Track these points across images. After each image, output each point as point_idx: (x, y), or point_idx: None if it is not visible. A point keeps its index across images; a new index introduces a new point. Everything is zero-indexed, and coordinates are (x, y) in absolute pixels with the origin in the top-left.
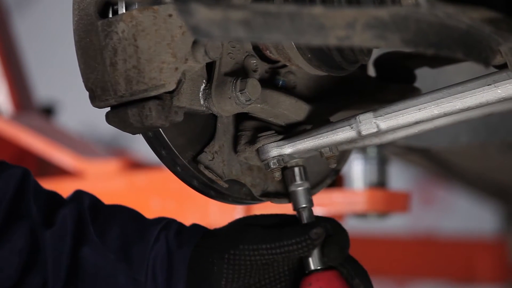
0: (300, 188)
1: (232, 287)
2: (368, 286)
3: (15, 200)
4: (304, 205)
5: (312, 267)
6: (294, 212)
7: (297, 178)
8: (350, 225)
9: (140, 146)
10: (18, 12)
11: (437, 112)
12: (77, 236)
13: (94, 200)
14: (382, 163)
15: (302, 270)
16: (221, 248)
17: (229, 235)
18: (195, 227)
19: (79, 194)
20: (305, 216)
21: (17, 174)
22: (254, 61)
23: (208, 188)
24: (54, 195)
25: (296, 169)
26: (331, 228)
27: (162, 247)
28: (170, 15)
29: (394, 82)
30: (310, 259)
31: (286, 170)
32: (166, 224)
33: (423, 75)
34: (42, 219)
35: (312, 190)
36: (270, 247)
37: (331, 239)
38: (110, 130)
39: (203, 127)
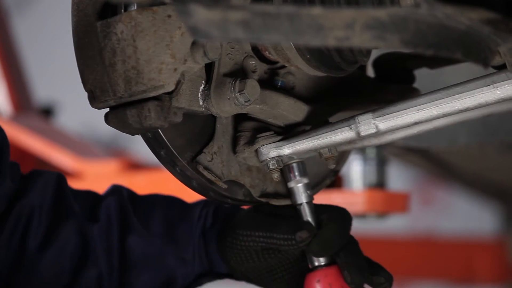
0: (299, 185)
1: (242, 268)
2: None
3: (57, 202)
4: (300, 202)
5: (316, 263)
6: None
7: (296, 174)
8: None
9: (139, 147)
10: (18, 13)
11: (436, 112)
12: (122, 227)
13: (131, 192)
14: (381, 163)
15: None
16: (226, 232)
17: (237, 220)
18: (230, 208)
19: (116, 188)
20: (303, 213)
21: (53, 178)
22: (253, 62)
23: (207, 189)
24: (91, 193)
25: (295, 165)
26: (327, 218)
27: (201, 226)
28: (169, 16)
29: (393, 82)
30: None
31: (284, 167)
32: (206, 204)
33: (422, 76)
34: (87, 215)
35: (311, 191)
36: (261, 235)
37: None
38: (110, 131)
39: (202, 128)
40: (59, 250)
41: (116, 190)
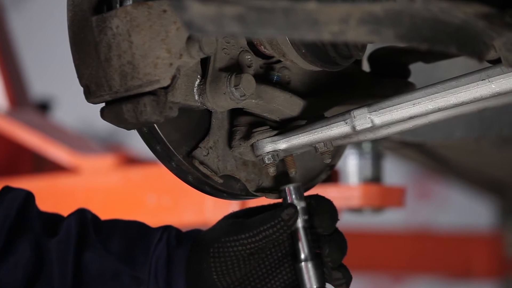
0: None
1: (228, 280)
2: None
3: (19, 217)
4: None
5: (307, 286)
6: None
7: (293, 197)
8: (345, 220)
9: (136, 141)
10: (14, 8)
11: (431, 107)
12: (80, 243)
13: (95, 216)
14: (377, 158)
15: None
16: (206, 243)
17: (214, 230)
18: (194, 230)
19: (81, 209)
20: (299, 236)
21: (21, 195)
22: (248, 57)
23: (203, 183)
24: (57, 214)
25: (292, 188)
26: (314, 202)
27: (163, 247)
28: (164, 11)
29: (388, 77)
30: (305, 276)
31: (281, 190)
32: (167, 227)
33: (417, 70)
34: (46, 231)
35: (306, 185)
36: (249, 236)
37: (318, 209)
38: (106, 125)
39: (198, 123)
40: (13, 265)
41: (80, 211)
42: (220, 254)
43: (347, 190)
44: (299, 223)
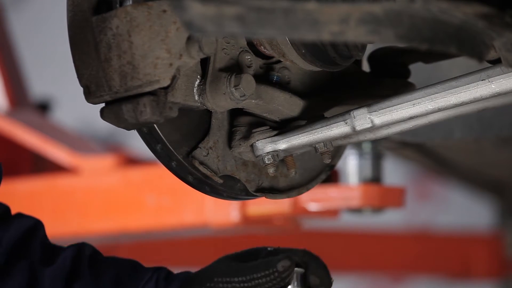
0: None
1: None
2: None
3: (22, 243)
4: None
5: None
6: (288, 206)
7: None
8: (345, 220)
9: (136, 142)
10: (14, 8)
11: (431, 107)
12: (71, 275)
13: (96, 251)
14: (377, 158)
15: None
16: (199, 282)
17: (207, 270)
18: (185, 272)
19: (82, 243)
20: None
21: (29, 222)
22: (248, 57)
23: (203, 183)
24: (61, 246)
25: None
26: (304, 256)
27: (152, 286)
28: (164, 11)
29: (388, 77)
30: None
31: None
32: (159, 268)
33: (417, 70)
34: (45, 260)
35: (306, 185)
36: (242, 281)
37: (312, 268)
38: (106, 126)
39: (197, 123)
40: None
41: (80, 245)
42: None
43: (347, 190)
44: None
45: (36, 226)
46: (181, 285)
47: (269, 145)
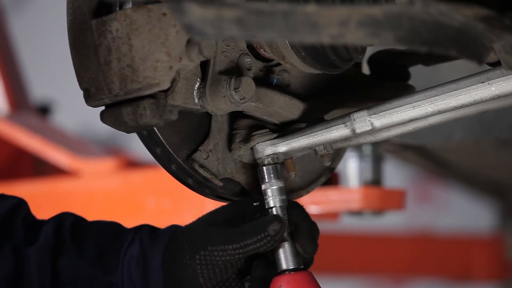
0: (273, 187)
1: (213, 282)
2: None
3: (3, 224)
4: (272, 205)
5: (284, 266)
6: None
7: (271, 176)
8: (346, 223)
9: (136, 145)
10: (14, 11)
11: (431, 109)
12: (56, 249)
13: (78, 218)
14: (377, 161)
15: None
16: (191, 249)
17: (197, 236)
18: (169, 227)
19: (62, 213)
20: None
21: (10, 203)
22: (248, 60)
23: (203, 186)
24: (42, 220)
25: (265, 169)
26: (296, 216)
27: (136, 248)
28: (164, 14)
29: (388, 80)
30: (282, 256)
31: (258, 169)
32: (140, 227)
33: (417, 73)
34: (28, 238)
35: (306, 188)
36: (236, 247)
37: (301, 232)
38: (107, 129)
39: (197, 126)
40: None
41: (60, 215)
42: (207, 262)
43: (347, 193)
44: (278, 202)
45: (18, 205)
46: (168, 244)
47: (269, 148)
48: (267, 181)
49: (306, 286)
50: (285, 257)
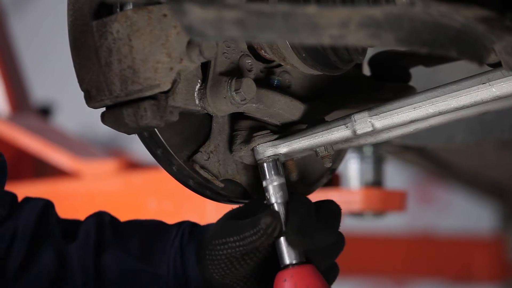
0: (274, 184)
1: (229, 277)
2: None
3: (39, 225)
4: (272, 202)
5: (287, 261)
6: None
7: (272, 173)
8: (347, 225)
9: (137, 146)
10: (15, 13)
11: (432, 111)
12: (98, 246)
13: (113, 217)
14: (378, 162)
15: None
16: (202, 245)
17: (211, 231)
18: (207, 225)
19: (99, 212)
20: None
21: (40, 204)
22: (249, 61)
23: (203, 187)
24: (76, 220)
25: (265, 165)
26: (290, 210)
27: (178, 243)
28: (164, 15)
29: (389, 81)
30: (285, 250)
31: (258, 165)
32: (182, 224)
33: (418, 74)
34: (66, 237)
35: (308, 189)
36: (236, 240)
37: (288, 225)
38: (108, 130)
39: (198, 127)
40: (37, 274)
41: (98, 214)
42: (212, 257)
43: (348, 194)
44: (278, 198)
45: (47, 205)
46: (199, 241)
47: (270, 149)
48: (268, 177)
49: (309, 278)
50: (288, 252)
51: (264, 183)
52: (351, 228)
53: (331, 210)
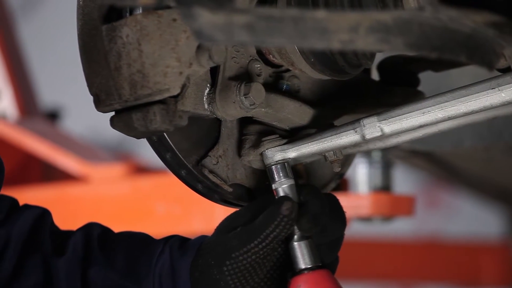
0: (283, 186)
1: (246, 286)
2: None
3: (32, 236)
4: None
5: (302, 265)
6: None
7: (280, 175)
8: (355, 229)
9: (146, 150)
10: (23, 16)
11: (441, 115)
12: (85, 260)
13: (105, 229)
14: (386, 167)
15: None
16: (217, 263)
17: (219, 247)
18: (198, 238)
19: (89, 224)
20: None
21: (35, 213)
22: (258, 65)
23: (212, 192)
24: (69, 231)
25: (273, 168)
26: (304, 196)
27: (166, 258)
28: (174, 20)
29: (397, 85)
30: (299, 255)
31: (267, 169)
32: (170, 237)
33: (427, 79)
34: (56, 249)
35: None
36: (258, 243)
37: (302, 209)
38: (116, 134)
39: (207, 131)
40: (24, 286)
41: (87, 226)
42: (235, 269)
43: (357, 199)
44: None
45: (43, 215)
46: (194, 260)
47: (278, 154)
48: (277, 180)
49: (324, 283)
50: (302, 256)
51: (273, 186)
52: (359, 232)
53: (338, 203)
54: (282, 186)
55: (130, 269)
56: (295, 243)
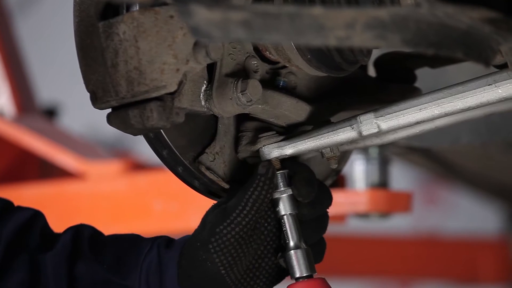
0: (283, 195)
1: (235, 272)
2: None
3: (19, 236)
4: (283, 213)
5: (297, 274)
6: None
7: (281, 185)
8: (352, 226)
9: (143, 147)
10: (20, 14)
11: (438, 112)
12: (73, 255)
13: (96, 231)
14: (383, 163)
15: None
16: (203, 242)
17: (202, 230)
18: (184, 236)
19: (80, 224)
20: (286, 224)
21: (26, 214)
22: (255, 62)
23: (209, 189)
24: (61, 233)
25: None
26: (290, 166)
27: (154, 255)
28: (171, 16)
29: (394, 82)
30: (295, 263)
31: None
32: (159, 237)
33: (424, 75)
34: (44, 247)
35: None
36: (240, 211)
37: (295, 177)
38: (113, 131)
39: (204, 128)
40: (10, 284)
41: (79, 226)
42: (221, 245)
43: (354, 195)
44: (287, 210)
45: (34, 217)
46: (181, 249)
47: (275, 150)
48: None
49: None
50: (298, 265)
51: (275, 195)
52: (357, 229)
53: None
54: (282, 195)
55: (117, 265)
56: (291, 252)
